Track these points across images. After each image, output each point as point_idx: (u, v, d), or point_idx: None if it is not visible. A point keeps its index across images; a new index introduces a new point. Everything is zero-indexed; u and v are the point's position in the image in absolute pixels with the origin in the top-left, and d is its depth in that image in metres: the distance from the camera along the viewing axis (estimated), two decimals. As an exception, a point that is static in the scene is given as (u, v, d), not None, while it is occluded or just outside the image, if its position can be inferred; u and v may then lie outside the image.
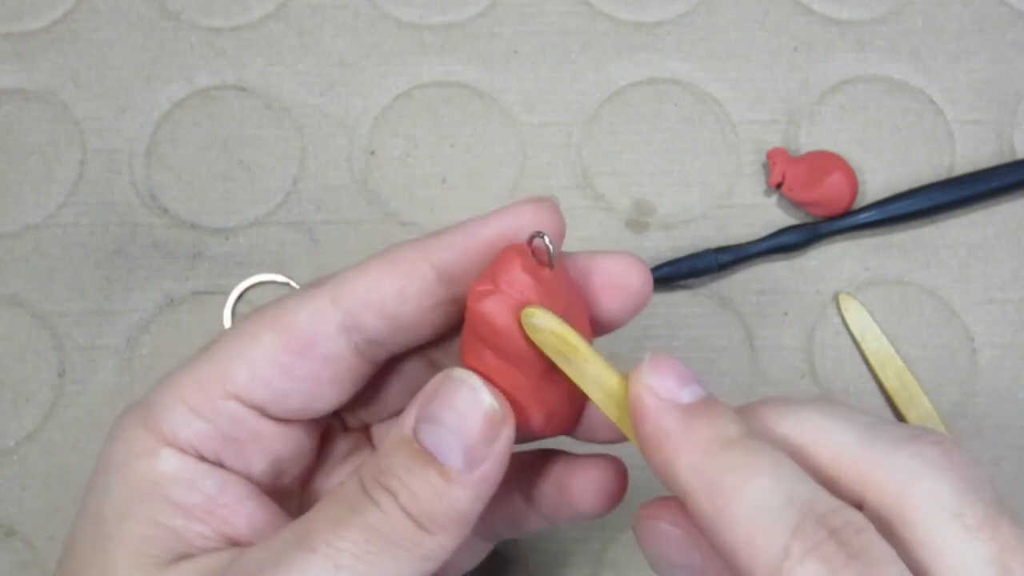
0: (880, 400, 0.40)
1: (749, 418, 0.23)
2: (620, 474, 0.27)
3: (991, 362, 0.41)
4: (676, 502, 0.24)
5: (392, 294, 0.25)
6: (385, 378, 0.28)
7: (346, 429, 0.29)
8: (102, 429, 0.40)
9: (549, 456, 0.28)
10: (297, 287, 0.42)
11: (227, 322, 0.41)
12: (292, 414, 0.25)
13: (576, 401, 0.27)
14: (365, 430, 0.30)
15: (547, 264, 0.24)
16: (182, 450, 0.25)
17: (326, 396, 0.25)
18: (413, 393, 0.28)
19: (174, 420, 0.24)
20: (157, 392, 0.25)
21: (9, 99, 0.45)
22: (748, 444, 0.22)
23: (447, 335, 0.27)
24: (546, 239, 0.24)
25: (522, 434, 0.25)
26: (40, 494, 0.39)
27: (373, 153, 0.44)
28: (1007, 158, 0.43)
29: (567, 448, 0.29)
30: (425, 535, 0.22)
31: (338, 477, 0.29)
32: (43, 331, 0.41)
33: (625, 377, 0.23)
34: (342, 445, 0.29)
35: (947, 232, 0.42)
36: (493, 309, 0.23)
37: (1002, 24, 0.45)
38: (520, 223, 0.25)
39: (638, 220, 0.43)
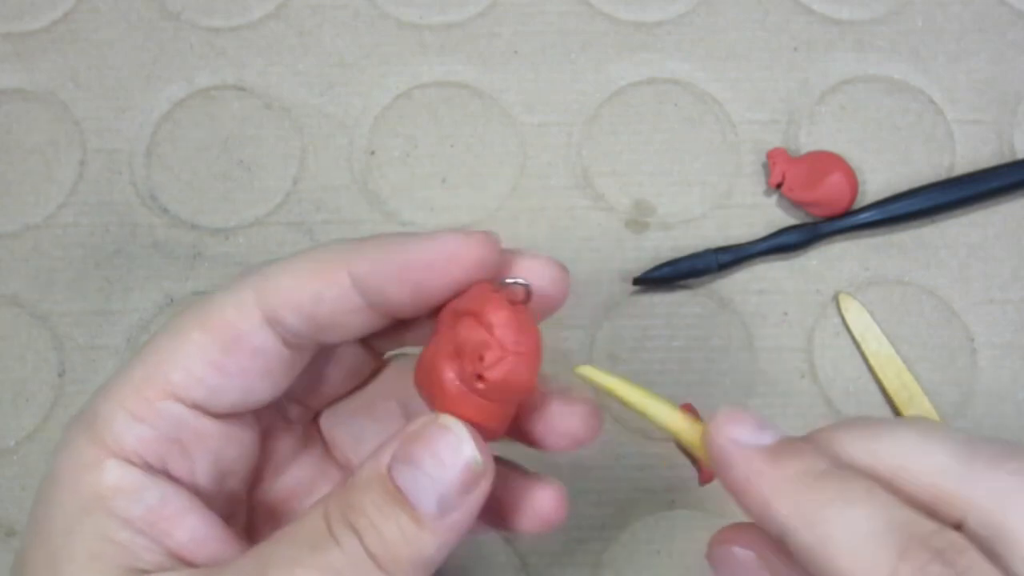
0: (880, 400, 0.40)
1: (826, 445, 0.24)
2: (561, 500, 0.27)
3: (991, 362, 0.41)
4: (748, 527, 0.25)
5: (309, 296, 0.24)
6: (321, 364, 0.28)
7: (288, 422, 0.29)
8: (102, 429, 0.40)
9: (499, 468, 0.28)
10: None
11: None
12: (230, 408, 0.25)
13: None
14: (313, 423, 0.30)
15: (524, 302, 0.25)
16: (128, 459, 0.24)
17: (260, 387, 0.25)
18: (350, 376, 0.28)
19: (116, 428, 0.24)
20: (97, 401, 0.25)
21: (9, 99, 0.45)
22: (839, 475, 0.22)
23: (377, 333, 0.26)
24: (521, 280, 0.25)
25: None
26: (40, 494, 0.39)
27: (373, 153, 0.44)
28: (1007, 158, 0.43)
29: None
30: None
31: (289, 478, 0.29)
32: (43, 331, 0.41)
33: (680, 411, 0.25)
34: (288, 442, 0.29)
35: (947, 232, 0.42)
36: (517, 374, 0.24)
37: (1002, 24, 0.45)
38: (443, 254, 0.24)
39: (638, 220, 0.43)
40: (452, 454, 0.23)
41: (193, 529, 0.24)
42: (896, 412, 0.40)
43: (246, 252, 0.42)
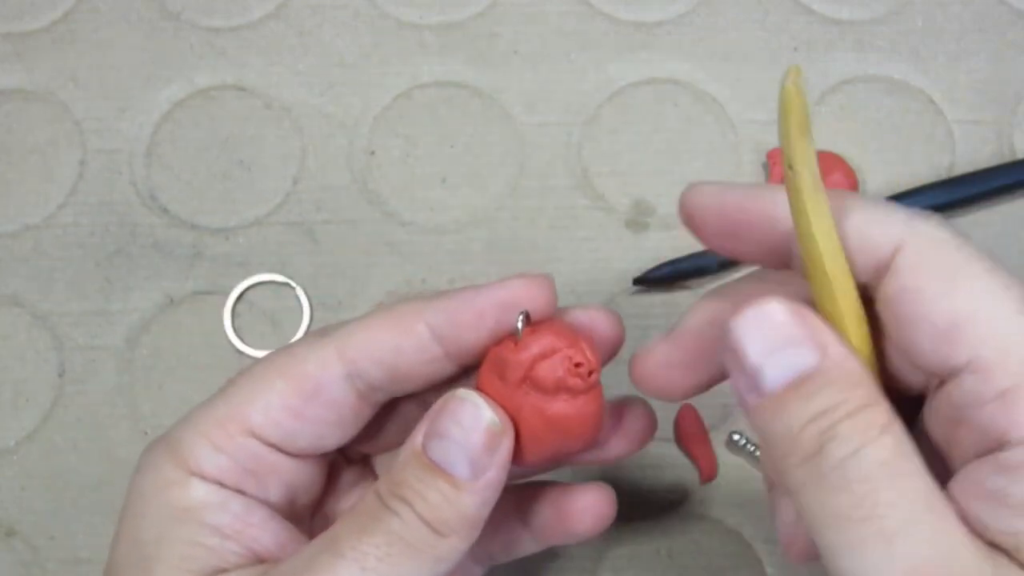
0: (880, 400, 0.40)
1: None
2: (612, 499, 0.30)
3: (991, 362, 0.41)
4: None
5: (390, 348, 0.27)
6: (383, 418, 0.30)
7: (348, 461, 0.32)
8: (102, 429, 0.40)
9: (545, 485, 0.31)
10: (297, 287, 0.42)
11: (227, 322, 0.41)
12: (303, 450, 0.28)
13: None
14: (365, 461, 0.33)
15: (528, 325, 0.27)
16: (208, 480, 0.27)
17: (331, 435, 0.28)
18: (407, 431, 0.31)
19: (199, 455, 0.27)
20: (181, 430, 0.28)
21: (9, 99, 0.45)
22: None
23: (440, 384, 0.29)
24: (519, 317, 0.27)
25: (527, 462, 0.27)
26: (40, 494, 0.39)
27: (373, 153, 0.44)
28: (1007, 158, 0.43)
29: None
30: (439, 538, 0.25)
31: (346, 504, 0.31)
32: (43, 331, 0.41)
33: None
34: (347, 475, 0.32)
35: (947, 232, 0.42)
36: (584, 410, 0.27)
37: (1002, 24, 0.45)
38: (513, 296, 0.27)
39: (638, 220, 0.43)
40: (472, 420, 0.25)
41: (277, 534, 0.27)
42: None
43: (246, 252, 0.42)
